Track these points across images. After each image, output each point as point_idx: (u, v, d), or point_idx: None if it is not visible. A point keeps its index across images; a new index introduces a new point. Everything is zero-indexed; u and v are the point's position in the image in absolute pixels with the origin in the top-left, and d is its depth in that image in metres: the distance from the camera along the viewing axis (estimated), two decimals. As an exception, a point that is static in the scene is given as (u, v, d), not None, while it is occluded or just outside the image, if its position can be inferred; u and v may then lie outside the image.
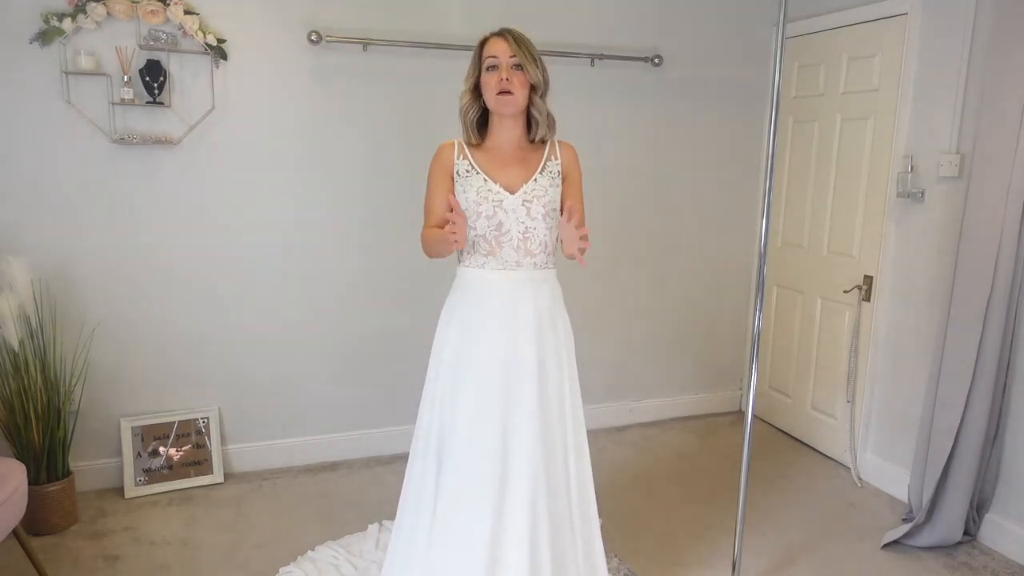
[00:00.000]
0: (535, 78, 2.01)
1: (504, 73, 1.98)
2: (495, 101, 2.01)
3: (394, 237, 3.40)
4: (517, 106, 2.02)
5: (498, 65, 1.99)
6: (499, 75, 1.98)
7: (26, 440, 2.76)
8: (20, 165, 2.89)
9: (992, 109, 2.68)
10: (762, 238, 2.41)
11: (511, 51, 1.99)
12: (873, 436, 3.46)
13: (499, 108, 2.02)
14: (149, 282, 3.13)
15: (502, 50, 1.99)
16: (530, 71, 2.00)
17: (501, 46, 2.00)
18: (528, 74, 2.00)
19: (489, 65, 2.00)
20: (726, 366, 4.27)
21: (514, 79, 1.98)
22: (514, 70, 1.99)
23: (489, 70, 2.00)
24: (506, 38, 2.00)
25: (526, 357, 2.03)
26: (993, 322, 2.70)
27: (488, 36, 2.04)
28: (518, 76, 1.99)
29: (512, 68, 1.98)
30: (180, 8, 2.92)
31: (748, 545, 2.80)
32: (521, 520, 1.99)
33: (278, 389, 3.39)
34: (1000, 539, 2.85)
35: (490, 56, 2.00)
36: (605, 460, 3.56)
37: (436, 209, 2.10)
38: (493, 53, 2.00)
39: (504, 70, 1.98)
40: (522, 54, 1.99)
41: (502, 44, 2.00)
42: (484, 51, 2.02)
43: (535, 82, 2.02)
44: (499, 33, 2.03)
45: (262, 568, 2.62)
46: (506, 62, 1.98)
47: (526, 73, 2.00)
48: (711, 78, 3.87)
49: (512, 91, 1.98)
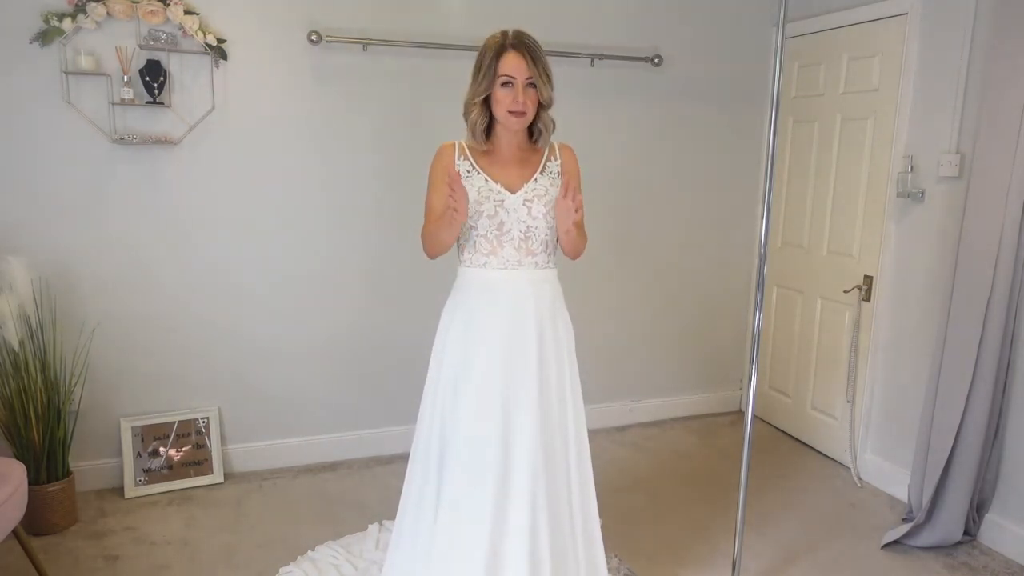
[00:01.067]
0: (546, 98, 2.01)
1: (520, 96, 1.97)
2: (506, 119, 2.00)
3: (395, 237, 3.40)
4: (527, 123, 2.04)
5: (513, 84, 1.97)
6: (514, 95, 1.97)
7: (26, 440, 2.76)
8: (20, 165, 2.89)
9: (992, 109, 2.69)
10: (762, 238, 2.41)
11: (528, 72, 1.96)
12: (873, 436, 3.46)
13: (510, 125, 2.02)
14: (149, 282, 3.13)
15: (519, 69, 1.96)
16: (543, 91, 1.99)
17: (519, 65, 1.96)
18: (540, 94, 2.00)
19: (504, 82, 1.98)
20: (726, 366, 4.27)
21: (528, 100, 1.98)
22: (527, 88, 1.98)
23: (504, 86, 1.98)
24: (523, 55, 1.96)
25: (527, 357, 2.03)
26: (993, 322, 2.70)
27: (505, 48, 1.98)
28: (531, 95, 1.99)
29: (527, 87, 1.98)
30: (180, 8, 2.92)
31: (748, 545, 2.80)
32: (522, 519, 1.99)
33: (278, 389, 3.39)
34: (1000, 539, 2.86)
35: (506, 74, 1.97)
36: (605, 460, 3.56)
37: (437, 208, 2.10)
38: (510, 72, 1.96)
39: (519, 91, 1.97)
40: (537, 74, 1.98)
41: (520, 63, 1.96)
42: (500, 66, 1.97)
43: (544, 102, 2.03)
44: (516, 47, 1.98)
45: (262, 568, 2.62)
46: (522, 82, 1.97)
47: (538, 93, 2.00)
48: (711, 78, 3.87)
49: (525, 112, 1.99)
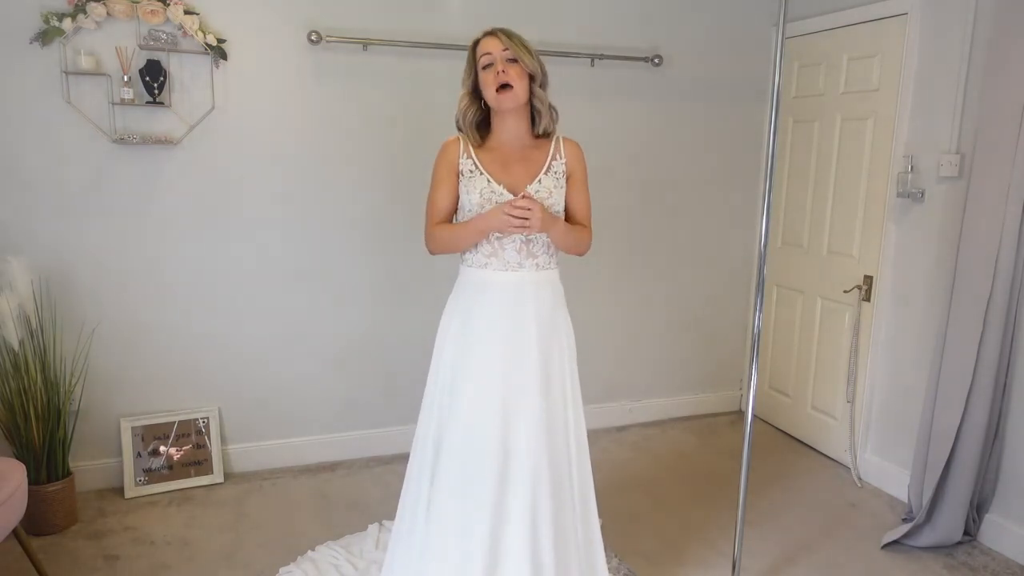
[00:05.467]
0: (532, 67, 2.01)
1: (500, 66, 1.98)
2: (495, 98, 2.00)
3: (395, 237, 3.40)
4: (517, 99, 2.02)
5: (493, 62, 1.99)
6: (495, 70, 1.98)
7: (26, 440, 2.76)
8: (20, 165, 2.89)
9: (992, 109, 2.68)
10: (762, 238, 2.41)
11: (503, 45, 2.00)
12: (873, 436, 3.46)
13: (500, 104, 2.01)
14: (149, 282, 3.13)
15: (495, 46, 2.00)
16: (526, 61, 2.00)
17: (493, 43, 2.01)
18: (524, 64, 2.00)
19: (484, 64, 2.01)
20: (726, 366, 4.27)
21: (510, 71, 1.98)
22: (509, 63, 1.99)
23: (485, 68, 2.01)
24: (497, 35, 2.02)
25: (527, 358, 2.03)
26: (993, 322, 2.70)
27: (479, 37, 2.05)
28: (514, 68, 1.99)
29: (507, 62, 1.99)
30: (180, 8, 2.92)
31: (748, 545, 2.80)
32: (522, 520, 1.99)
33: (278, 389, 3.39)
34: (1000, 539, 2.86)
35: (484, 54, 2.01)
36: (605, 460, 3.56)
37: (441, 205, 2.09)
38: (486, 51, 2.01)
39: (499, 63, 1.98)
40: (515, 46, 2.00)
41: (494, 41, 2.01)
42: (477, 51, 2.03)
43: (532, 71, 2.02)
44: (490, 32, 2.04)
45: (262, 568, 2.62)
46: (500, 56, 1.99)
47: (522, 64, 2.00)
48: (711, 78, 3.87)
49: (511, 83, 1.98)
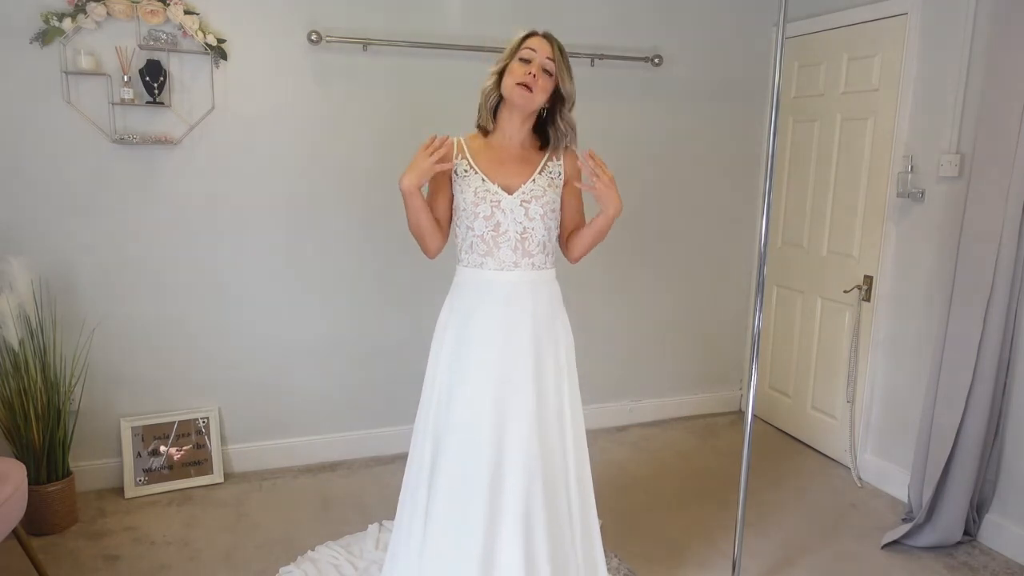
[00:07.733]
0: (566, 91, 2.01)
1: (534, 69, 1.96)
2: (512, 90, 1.97)
3: (394, 237, 3.39)
4: (529, 106, 2.00)
5: (532, 60, 1.97)
6: (528, 68, 1.96)
7: (26, 440, 2.76)
8: (20, 165, 2.89)
9: (992, 109, 2.68)
10: (762, 238, 2.41)
11: (550, 55, 1.98)
12: (873, 436, 3.46)
13: (513, 98, 1.99)
14: (149, 282, 3.13)
15: (543, 49, 1.98)
16: (564, 81, 1.99)
17: (544, 46, 1.98)
18: (560, 83, 1.99)
19: (523, 57, 1.98)
20: (726, 366, 4.27)
21: (540, 80, 1.96)
22: (544, 73, 1.97)
23: (521, 61, 1.98)
24: (551, 42, 2.00)
25: (522, 358, 2.03)
26: (993, 322, 2.69)
27: (535, 33, 2.02)
28: (546, 80, 1.97)
29: (543, 71, 1.97)
30: (180, 8, 2.92)
31: (748, 545, 2.80)
32: (515, 520, 1.98)
33: (278, 389, 3.39)
34: (1000, 539, 2.86)
35: (528, 49, 1.98)
36: (605, 460, 3.56)
37: (435, 206, 2.10)
38: (533, 47, 1.98)
39: (536, 67, 1.96)
40: (559, 64, 1.98)
41: (545, 45, 1.99)
42: (524, 43, 2.00)
43: (565, 94, 2.02)
44: (545, 35, 2.01)
45: (262, 568, 2.62)
46: (541, 61, 1.97)
47: (557, 81, 1.99)
48: (711, 78, 3.87)
49: (532, 88, 1.96)
